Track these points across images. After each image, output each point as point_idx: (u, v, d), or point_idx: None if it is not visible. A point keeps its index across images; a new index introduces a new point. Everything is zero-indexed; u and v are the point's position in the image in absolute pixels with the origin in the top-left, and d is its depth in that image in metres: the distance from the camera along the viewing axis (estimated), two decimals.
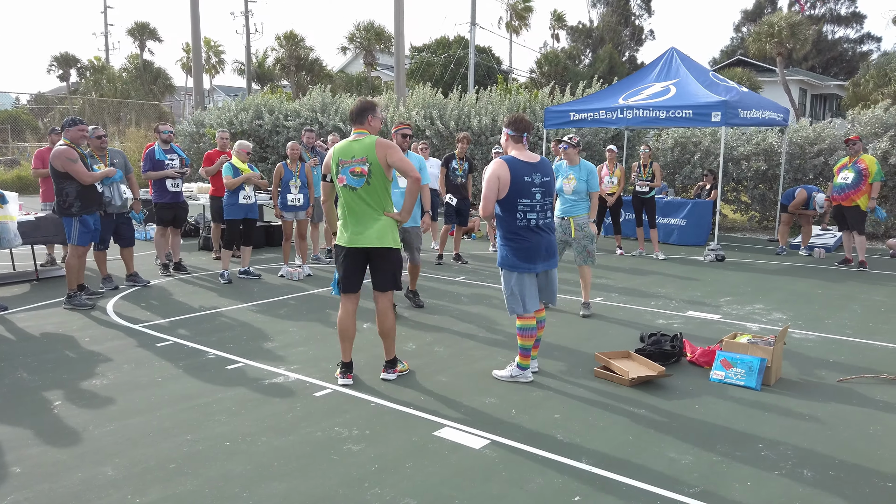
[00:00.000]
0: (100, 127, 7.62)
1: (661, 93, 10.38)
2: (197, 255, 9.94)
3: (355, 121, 4.55)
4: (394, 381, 4.67)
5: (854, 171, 9.00)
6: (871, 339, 5.88)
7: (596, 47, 45.25)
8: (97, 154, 7.29)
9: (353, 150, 4.43)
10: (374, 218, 4.46)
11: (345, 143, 4.50)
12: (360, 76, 37.30)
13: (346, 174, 4.43)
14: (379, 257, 4.51)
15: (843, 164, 9.26)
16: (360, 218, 4.45)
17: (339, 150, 4.48)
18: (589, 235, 6.50)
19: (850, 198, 9.04)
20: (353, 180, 4.42)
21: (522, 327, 4.65)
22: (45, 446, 3.67)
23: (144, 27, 46.96)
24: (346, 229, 4.51)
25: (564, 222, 6.54)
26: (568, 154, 6.56)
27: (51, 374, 4.83)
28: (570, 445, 3.72)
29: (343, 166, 4.44)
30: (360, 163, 4.40)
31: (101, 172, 6.86)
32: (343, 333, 4.64)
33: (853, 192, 9.01)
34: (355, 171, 4.40)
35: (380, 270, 4.55)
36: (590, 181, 6.47)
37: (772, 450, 3.69)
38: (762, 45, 29.85)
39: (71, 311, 6.60)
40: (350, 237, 4.48)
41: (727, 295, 7.57)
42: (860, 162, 9.01)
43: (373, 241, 4.45)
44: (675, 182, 13.64)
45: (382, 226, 4.47)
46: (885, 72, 26.68)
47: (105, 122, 34.12)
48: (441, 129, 15.76)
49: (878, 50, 45.50)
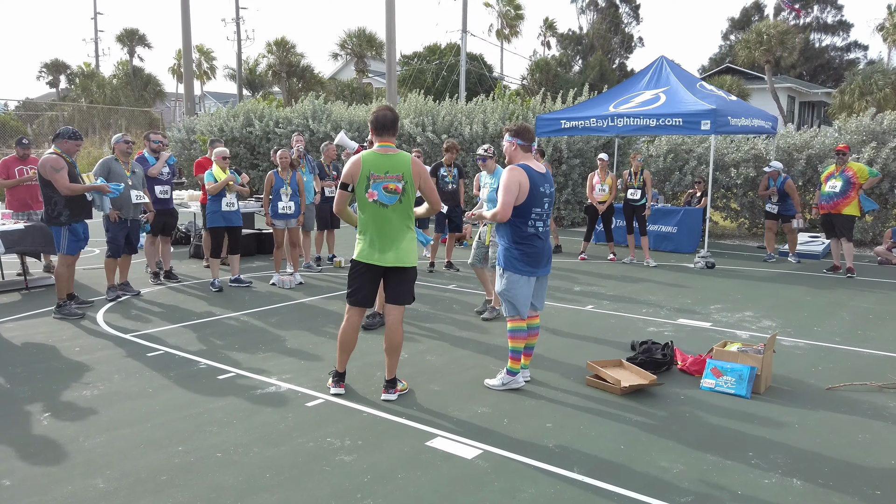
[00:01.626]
0: (127, 133, 7.63)
1: (651, 100, 10.45)
2: (188, 263, 9.91)
3: (386, 131, 4.31)
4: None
5: (842, 180, 9.07)
6: (859, 346, 5.93)
7: (586, 54, 45.51)
8: (122, 160, 7.35)
9: (388, 165, 4.24)
10: (400, 236, 4.33)
11: (376, 156, 4.27)
12: (351, 83, 37.33)
13: (379, 190, 4.24)
14: (398, 273, 4.40)
15: (830, 173, 9.32)
16: (387, 235, 4.30)
17: (371, 163, 4.25)
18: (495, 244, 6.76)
19: (838, 206, 9.12)
20: (385, 196, 4.25)
21: (514, 329, 4.71)
22: (34, 458, 3.65)
23: (134, 33, 46.83)
24: (370, 245, 4.34)
25: (483, 228, 6.79)
26: (486, 165, 6.80)
27: (39, 384, 4.80)
28: (563, 454, 3.73)
29: (376, 181, 4.24)
30: (396, 180, 4.25)
31: (84, 186, 6.73)
32: (344, 345, 4.57)
33: (841, 201, 9.08)
34: (389, 188, 4.24)
35: (397, 285, 4.43)
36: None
37: (762, 458, 3.72)
38: (751, 53, 30.16)
39: (60, 321, 6.55)
40: (372, 254, 4.33)
41: (717, 302, 7.62)
42: (847, 170, 9.09)
43: (395, 260, 4.33)
44: (665, 189, 13.72)
45: (407, 244, 4.36)
46: (869, 80, 26.97)
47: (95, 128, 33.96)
48: (432, 137, 15.79)
49: (865, 58, 46.00)
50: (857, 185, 9.03)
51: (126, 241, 7.43)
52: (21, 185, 8.47)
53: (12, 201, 8.54)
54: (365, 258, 4.36)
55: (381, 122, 4.32)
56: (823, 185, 9.35)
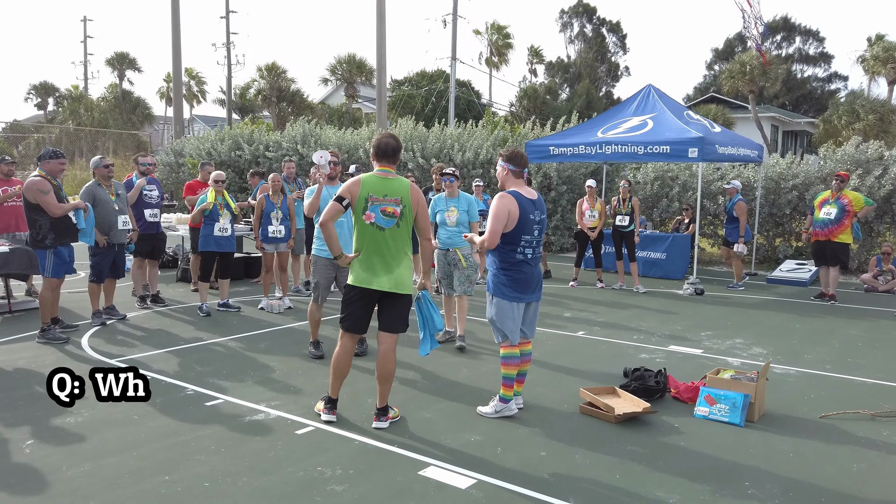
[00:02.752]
0: (106, 157, 7.54)
1: (638, 126, 10.55)
2: (175, 287, 9.80)
3: (387, 158, 4.32)
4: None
5: (837, 207, 9.09)
6: (850, 374, 5.94)
7: (573, 82, 46.07)
8: (104, 184, 7.24)
9: (387, 189, 4.24)
10: (396, 261, 4.29)
11: (375, 179, 4.27)
12: (341, 108, 37.52)
13: (377, 212, 4.22)
14: (392, 299, 4.35)
15: (824, 199, 9.30)
16: (383, 259, 4.27)
17: (370, 186, 4.24)
18: (473, 265, 6.80)
19: (833, 233, 9.13)
20: (382, 220, 4.23)
21: (507, 355, 4.68)
22: (16, 488, 3.54)
23: (124, 57, 46.85)
24: (365, 269, 4.29)
25: (450, 253, 6.76)
26: (452, 187, 6.75)
27: (22, 411, 4.68)
28: (557, 484, 3.67)
29: (374, 203, 4.22)
30: (394, 203, 4.24)
31: (70, 205, 6.68)
32: (337, 371, 4.48)
33: (836, 228, 9.10)
34: (387, 211, 4.23)
35: (391, 312, 4.37)
36: (470, 212, 6.77)
37: (758, 487, 3.69)
38: (735, 83, 30.66)
39: (44, 346, 6.43)
40: (368, 278, 4.29)
41: (707, 329, 7.62)
42: (843, 197, 9.09)
43: (391, 286, 4.28)
44: (653, 216, 13.81)
45: (403, 270, 4.32)
46: (854, 109, 27.49)
47: (82, 151, 33.80)
48: (422, 163, 15.84)
49: (846, 88, 46.92)
50: (851, 213, 9.07)
51: (112, 265, 7.34)
52: (5, 207, 8.37)
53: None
54: (361, 283, 4.31)
55: (382, 148, 4.33)
56: (817, 211, 9.34)
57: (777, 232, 13.13)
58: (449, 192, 6.77)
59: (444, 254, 6.79)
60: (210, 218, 7.82)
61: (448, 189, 6.76)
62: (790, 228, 12.95)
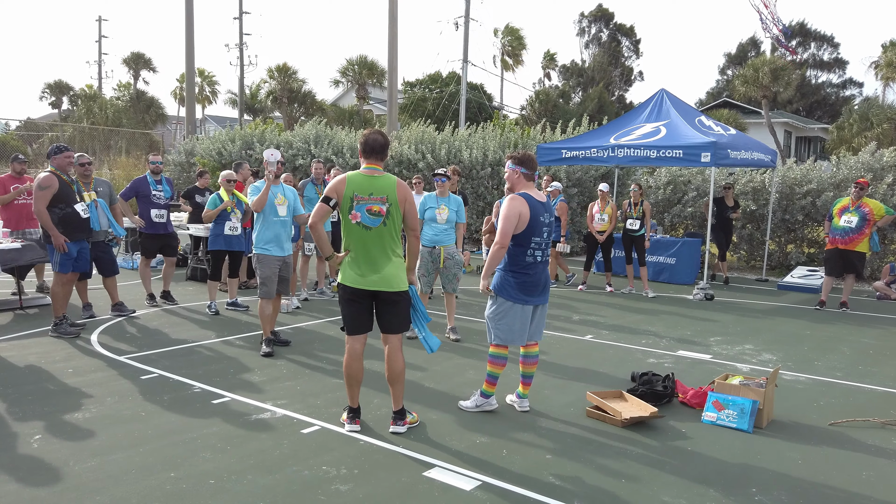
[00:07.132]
0: (85, 154, 7.52)
1: (651, 133, 10.51)
2: (184, 286, 9.84)
3: (374, 154, 4.24)
4: (382, 419, 4.59)
5: (858, 215, 8.93)
6: (861, 381, 5.88)
7: (587, 86, 46.01)
8: (82, 182, 7.23)
9: (372, 187, 4.16)
10: (385, 260, 4.22)
11: (361, 177, 4.19)
12: (352, 109, 37.60)
13: (362, 212, 4.15)
14: (388, 299, 4.26)
15: (843, 206, 9.12)
16: (372, 258, 4.19)
17: (355, 184, 4.17)
18: (458, 263, 6.95)
19: (853, 241, 8.97)
20: (368, 219, 4.16)
21: (496, 355, 4.72)
22: (25, 481, 3.56)
23: (140, 57, 47.26)
24: (355, 269, 4.23)
25: (435, 251, 6.87)
26: (443, 186, 6.92)
27: (31, 406, 4.72)
28: (563, 487, 3.66)
29: (359, 202, 4.15)
30: (380, 202, 4.16)
31: (47, 223, 6.45)
32: (351, 378, 4.34)
33: (856, 237, 8.94)
34: (373, 210, 4.16)
35: (389, 312, 4.29)
36: (459, 212, 6.97)
37: (765, 494, 3.65)
38: (748, 89, 30.47)
39: (55, 341, 6.48)
40: (358, 277, 4.21)
41: (717, 334, 7.57)
42: (864, 206, 8.93)
43: (382, 284, 4.21)
44: (664, 221, 13.74)
45: (393, 267, 4.24)
46: (867, 116, 27.26)
47: (95, 150, 34.04)
48: (432, 163, 15.86)
49: (860, 94, 46.53)
50: (872, 221, 8.92)
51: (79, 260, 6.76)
52: (16, 204, 8.44)
53: (8, 220, 8.50)
54: (350, 282, 4.24)
55: (370, 145, 4.26)
56: (836, 219, 9.13)
57: (789, 238, 13.03)
58: (440, 191, 6.95)
59: (430, 251, 6.88)
60: (221, 217, 7.86)
61: (439, 188, 6.95)
62: (802, 235, 12.85)
